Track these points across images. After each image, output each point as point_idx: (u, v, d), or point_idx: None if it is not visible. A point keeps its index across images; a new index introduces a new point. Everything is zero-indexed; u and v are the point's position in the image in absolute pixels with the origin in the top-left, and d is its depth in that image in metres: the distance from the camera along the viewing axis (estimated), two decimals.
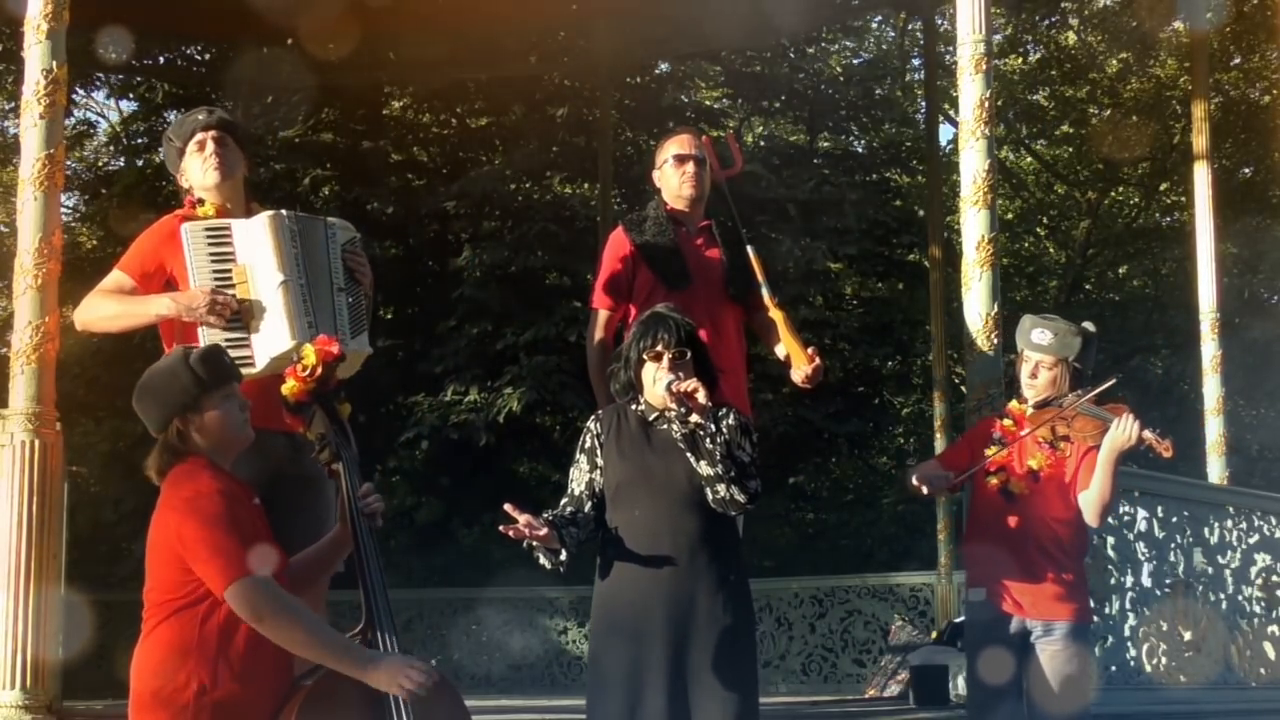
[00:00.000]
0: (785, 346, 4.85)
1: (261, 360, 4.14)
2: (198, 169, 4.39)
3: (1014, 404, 4.56)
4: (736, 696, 3.77)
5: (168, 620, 3.30)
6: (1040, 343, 4.46)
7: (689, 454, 3.77)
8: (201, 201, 4.40)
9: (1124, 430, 4.25)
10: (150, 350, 3.57)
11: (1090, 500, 4.37)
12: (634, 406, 3.98)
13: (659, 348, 3.89)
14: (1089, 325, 4.58)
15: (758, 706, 3.91)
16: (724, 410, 3.87)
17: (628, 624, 3.77)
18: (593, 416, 4.07)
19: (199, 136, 4.39)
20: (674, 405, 3.77)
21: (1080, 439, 4.39)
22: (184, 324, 4.21)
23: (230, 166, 4.39)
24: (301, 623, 3.26)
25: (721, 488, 3.75)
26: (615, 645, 3.79)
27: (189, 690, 3.26)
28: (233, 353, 4.06)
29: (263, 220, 4.25)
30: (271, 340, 4.13)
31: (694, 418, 3.74)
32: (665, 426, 3.88)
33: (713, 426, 3.75)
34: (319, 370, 3.61)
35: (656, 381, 3.87)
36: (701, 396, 3.74)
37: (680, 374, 3.85)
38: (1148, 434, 4.25)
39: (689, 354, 3.90)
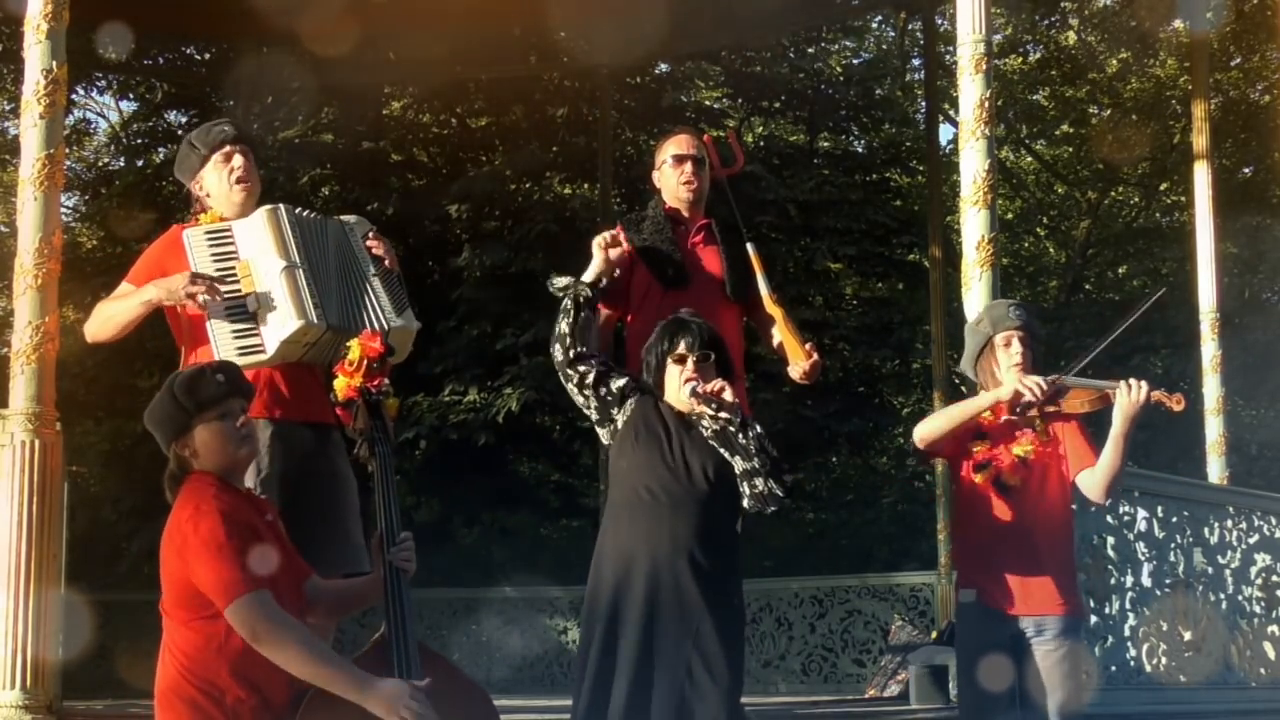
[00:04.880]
0: (783, 343, 4.85)
1: (272, 346, 4.15)
2: (222, 180, 4.41)
3: None
4: (721, 687, 3.77)
5: (192, 626, 3.32)
6: (1022, 317, 4.44)
7: (723, 450, 3.79)
8: (206, 210, 4.44)
9: (1134, 394, 4.19)
10: (150, 350, 3.59)
11: (1099, 475, 4.27)
12: (659, 401, 4.00)
13: (681, 350, 3.91)
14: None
15: (740, 703, 3.91)
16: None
17: (619, 607, 3.80)
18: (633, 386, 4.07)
19: (226, 149, 4.41)
20: (701, 407, 3.79)
21: (1074, 408, 4.32)
22: (193, 322, 4.24)
23: (255, 183, 4.45)
24: (299, 644, 3.26)
25: (759, 481, 3.78)
26: (603, 627, 3.81)
27: (214, 691, 3.29)
28: (243, 343, 4.11)
29: (260, 215, 4.29)
30: (279, 324, 4.15)
31: (724, 414, 3.77)
32: (687, 429, 3.90)
33: (740, 420, 3.78)
34: (363, 365, 3.65)
35: (682, 387, 3.89)
36: (728, 395, 3.77)
37: (702, 377, 3.88)
38: (1157, 393, 4.21)
39: (712, 356, 3.94)
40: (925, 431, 4.39)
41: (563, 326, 4.07)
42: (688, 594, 3.76)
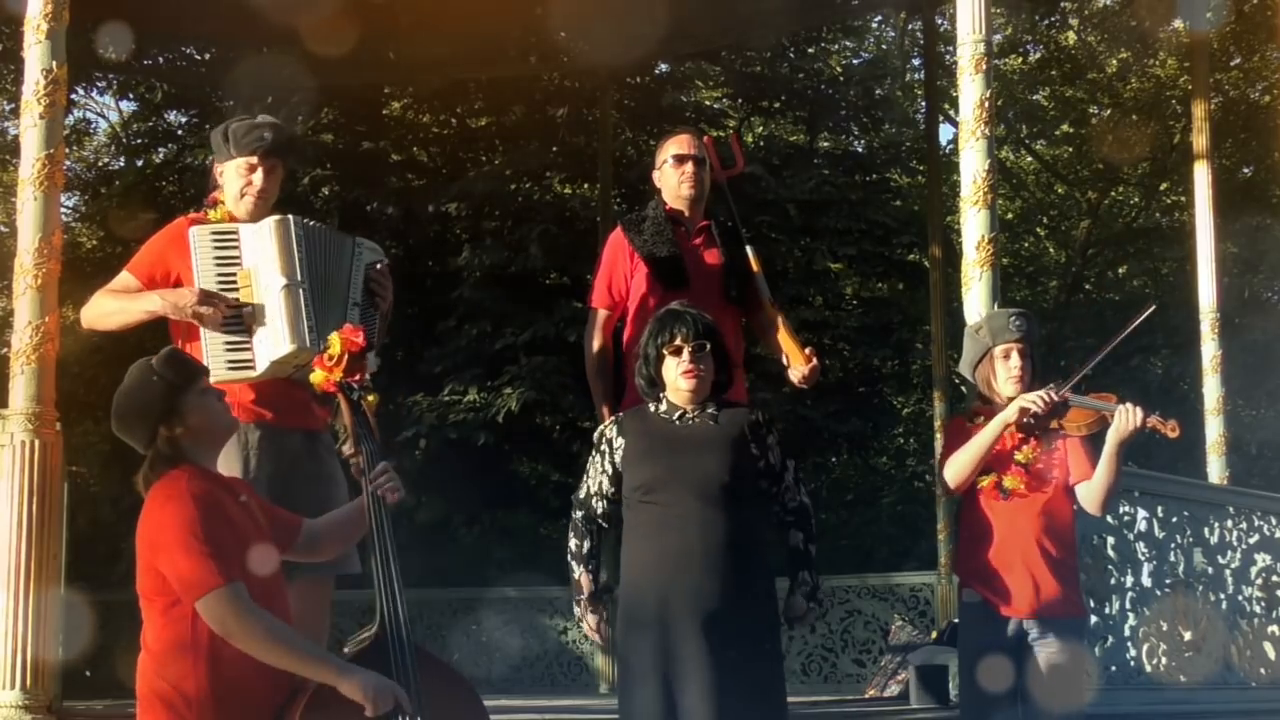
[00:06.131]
0: (783, 346, 4.85)
1: (262, 364, 4.14)
2: (237, 187, 4.37)
3: (979, 404, 4.52)
4: (765, 693, 3.80)
5: (162, 619, 3.31)
6: (1022, 329, 4.45)
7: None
8: (215, 204, 4.42)
9: (1128, 418, 4.24)
10: (150, 351, 3.57)
11: (1094, 490, 4.34)
12: (658, 406, 4.00)
13: (678, 341, 3.92)
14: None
15: (785, 702, 3.93)
16: (787, 466, 4.01)
17: (655, 618, 3.79)
18: (610, 421, 4.08)
19: (254, 160, 4.35)
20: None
21: (1074, 429, 4.36)
22: (188, 326, 4.23)
23: (268, 199, 4.39)
24: (270, 635, 3.25)
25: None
26: (643, 640, 3.81)
27: (187, 687, 3.26)
28: (234, 356, 4.09)
29: (269, 224, 4.24)
30: (272, 344, 4.14)
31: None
32: (692, 422, 3.90)
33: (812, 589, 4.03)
34: (344, 360, 3.63)
35: (680, 378, 3.93)
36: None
37: (701, 367, 3.91)
38: (1152, 419, 4.25)
39: (708, 346, 3.96)
40: (954, 475, 4.42)
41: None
42: (724, 607, 3.77)
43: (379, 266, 4.46)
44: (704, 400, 3.98)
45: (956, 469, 4.40)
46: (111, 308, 4.37)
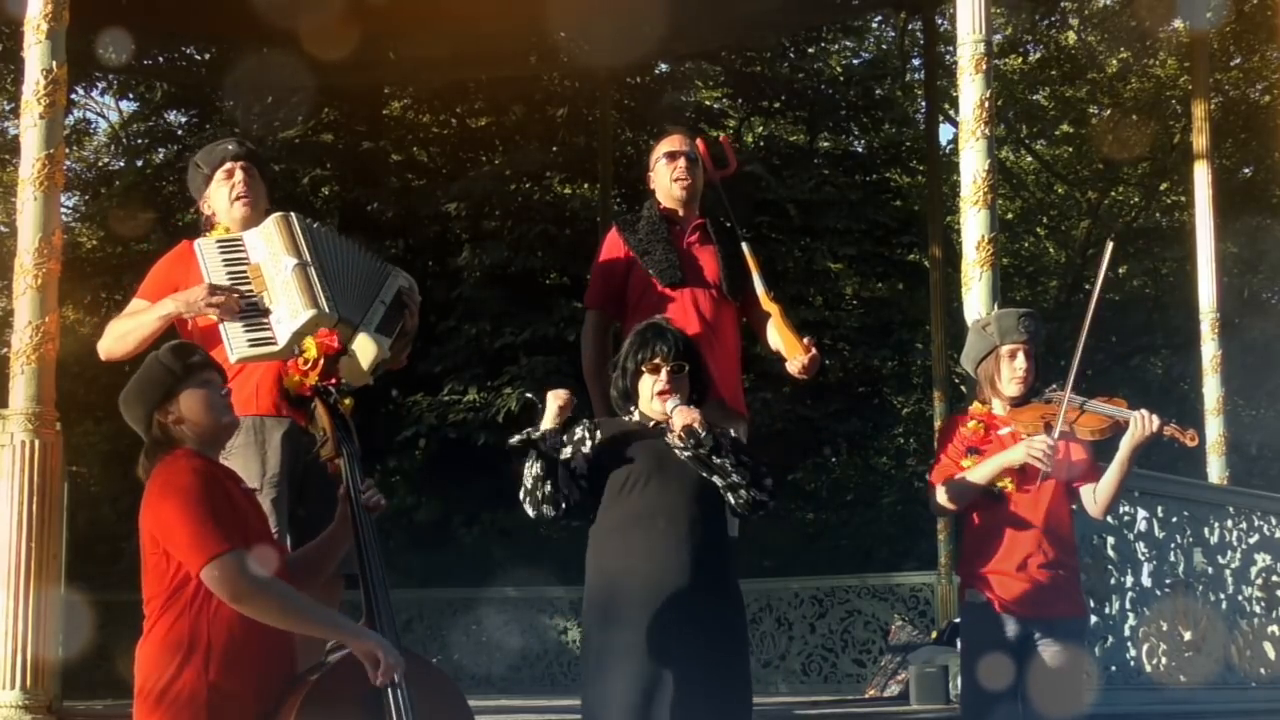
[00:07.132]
0: (780, 338, 4.85)
1: (284, 337, 4.12)
2: (224, 198, 4.45)
3: (976, 406, 4.53)
4: (729, 688, 3.82)
5: (162, 616, 3.31)
6: (1030, 330, 4.44)
7: (701, 472, 3.81)
8: (213, 226, 4.47)
9: (1145, 425, 4.24)
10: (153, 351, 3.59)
11: (1101, 494, 4.36)
12: (630, 417, 4.01)
13: (656, 360, 3.92)
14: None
15: (750, 695, 3.94)
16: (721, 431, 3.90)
17: (630, 613, 3.80)
18: (588, 422, 4.08)
19: (228, 165, 4.45)
20: (680, 440, 3.78)
21: (1086, 434, 4.36)
22: (204, 331, 4.23)
23: (256, 199, 4.46)
24: (281, 597, 3.27)
25: (743, 492, 3.81)
26: (616, 634, 3.81)
27: (184, 684, 3.25)
28: (254, 335, 4.09)
29: (271, 220, 4.28)
30: (290, 315, 4.13)
31: (700, 449, 3.76)
32: (667, 426, 3.92)
33: (712, 442, 3.77)
34: (319, 363, 3.62)
35: (653, 399, 3.92)
36: (698, 425, 3.75)
37: (678, 394, 3.89)
38: (1170, 427, 4.26)
39: (686, 368, 3.95)
40: (949, 499, 4.41)
41: (527, 483, 3.98)
42: (694, 608, 3.77)
43: (411, 288, 4.51)
44: None
45: (953, 495, 4.40)
46: (126, 326, 4.39)
